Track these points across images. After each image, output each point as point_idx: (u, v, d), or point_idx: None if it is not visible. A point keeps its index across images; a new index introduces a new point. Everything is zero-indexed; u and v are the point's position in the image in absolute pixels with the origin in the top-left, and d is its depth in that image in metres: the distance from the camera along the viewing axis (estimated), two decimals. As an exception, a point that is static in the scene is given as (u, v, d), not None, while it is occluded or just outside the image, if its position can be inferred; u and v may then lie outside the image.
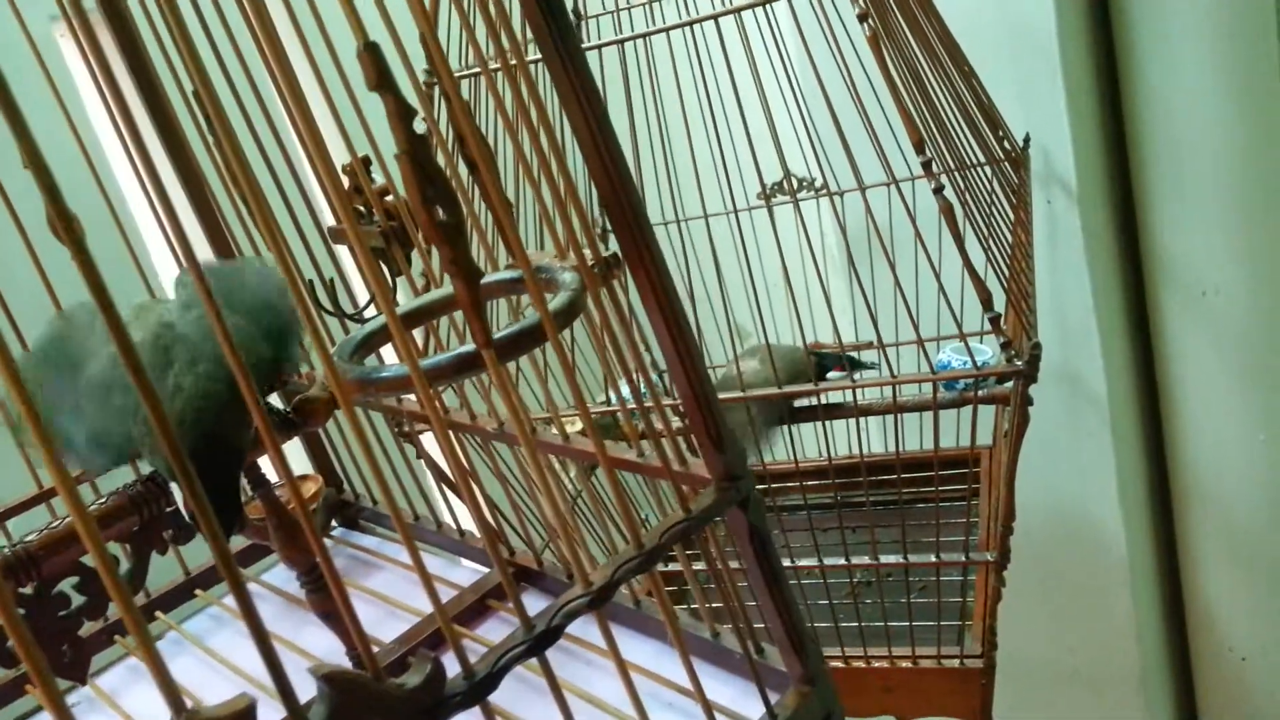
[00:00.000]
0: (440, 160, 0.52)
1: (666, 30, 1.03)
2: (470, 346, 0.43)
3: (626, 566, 0.45)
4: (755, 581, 0.51)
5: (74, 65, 1.10)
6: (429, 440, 0.93)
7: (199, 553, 0.77)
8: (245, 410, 0.51)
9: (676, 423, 0.75)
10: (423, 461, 0.92)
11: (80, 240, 0.32)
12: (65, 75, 1.07)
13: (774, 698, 0.51)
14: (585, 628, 0.58)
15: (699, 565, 1.14)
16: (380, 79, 0.40)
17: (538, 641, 0.43)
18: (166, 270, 1.03)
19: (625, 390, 1.14)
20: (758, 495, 0.50)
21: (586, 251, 0.47)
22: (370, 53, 0.40)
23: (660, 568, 1.12)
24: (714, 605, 0.59)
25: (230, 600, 0.76)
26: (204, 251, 0.87)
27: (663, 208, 1.46)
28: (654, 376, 1.10)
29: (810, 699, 0.51)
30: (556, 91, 0.44)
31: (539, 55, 0.45)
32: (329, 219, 0.77)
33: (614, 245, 0.53)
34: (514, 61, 0.45)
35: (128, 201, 1.02)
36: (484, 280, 0.43)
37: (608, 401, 1.12)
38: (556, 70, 0.44)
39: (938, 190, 0.91)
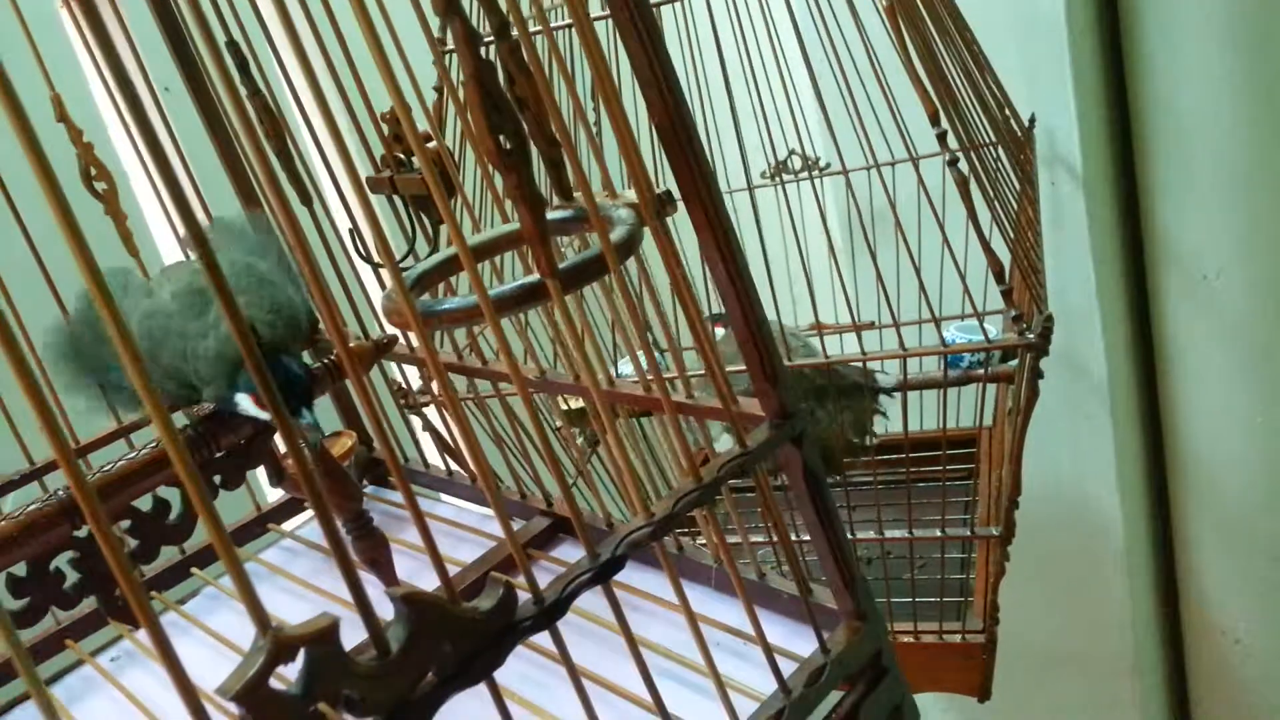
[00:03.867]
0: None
1: (676, 1, 1.03)
2: (534, 277, 0.43)
3: (687, 499, 0.46)
4: (807, 517, 0.51)
5: (76, 40, 1.09)
6: (431, 412, 0.93)
7: (236, 509, 0.77)
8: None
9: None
10: (428, 434, 0.92)
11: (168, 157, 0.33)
12: (67, 48, 1.06)
13: (824, 635, 0.52)
14: (629, 574, 0.58)
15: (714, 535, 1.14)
16: (448, 4, 0.40)
17: (603, 569, 0.43)
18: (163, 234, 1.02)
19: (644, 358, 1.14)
20: (811, 432, 0.50)
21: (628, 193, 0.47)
22: (439, -23, 0.40)
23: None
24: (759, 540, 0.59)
25: (268, 555, 0.76)
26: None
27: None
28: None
29: (861, 634, 0.52)
30: (615, 23, 0.45)
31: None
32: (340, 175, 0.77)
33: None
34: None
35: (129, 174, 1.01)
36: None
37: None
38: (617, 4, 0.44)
39: (952, 163, 0.91)
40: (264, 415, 0.53)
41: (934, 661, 1.12)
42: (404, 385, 0.85)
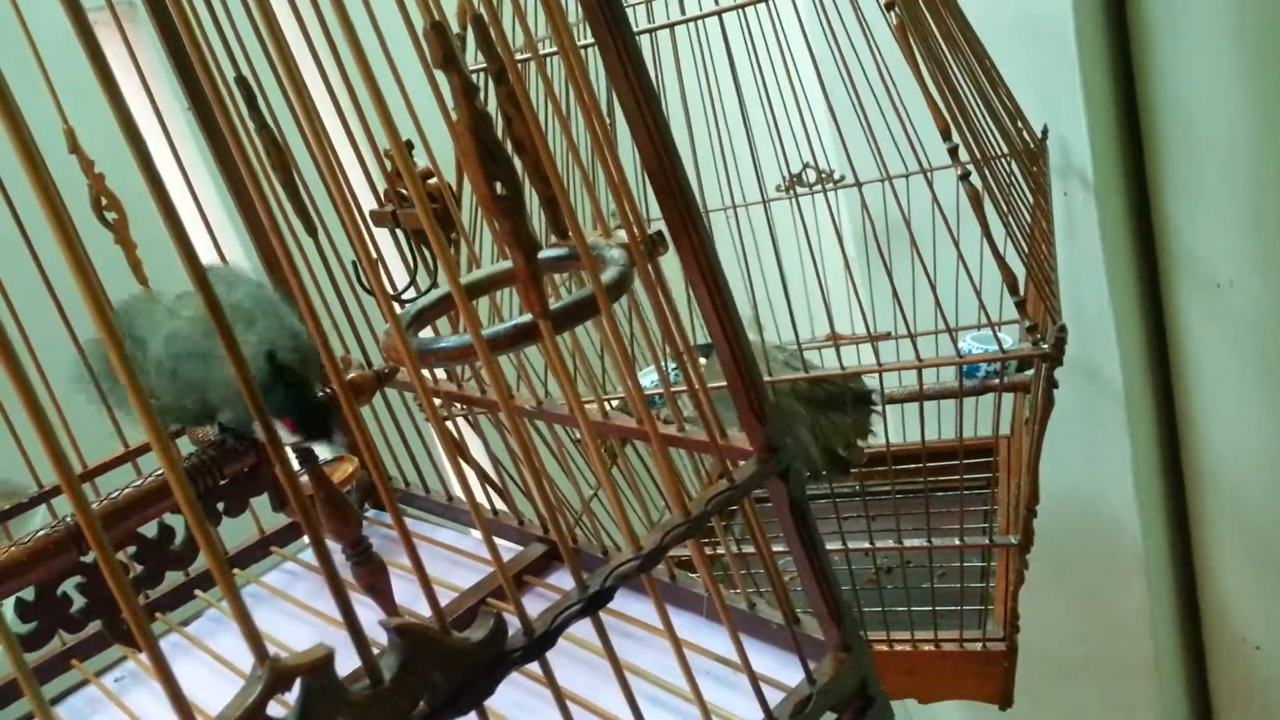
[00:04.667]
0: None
1: (690, 21, 1.04)
2: (527, 317, 0.44)
3: (674, 532, 0.47)
4: (794, 550, 0.52)
5: (112, 56, 1.11)
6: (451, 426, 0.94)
7: (240, 531, 0.78)
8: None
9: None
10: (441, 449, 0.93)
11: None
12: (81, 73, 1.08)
13: (811, 665, 0.53)
14: (624, 602, 0.59)
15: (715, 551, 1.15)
16: (445, 57, 0.41)
17: (591, 601, 0.44)
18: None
19: (654, 376, 1.15)
20: (798, 467, 0.51)
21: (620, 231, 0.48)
22: (436, 32, 0.41)
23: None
24: (747, 568, 0.60)
25: (270, 578, 0.78)
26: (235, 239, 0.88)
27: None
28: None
29: (847, 665, 0.53)
30: (603, 61, 0.46)
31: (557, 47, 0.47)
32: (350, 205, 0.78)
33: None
34: (549, 48, 0.47)
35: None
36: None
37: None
38: (605, 42, 0.45)
39: (964, 176, 0.92)
40: (291, 438, 0.54)
41: (955, 670, 1.13)
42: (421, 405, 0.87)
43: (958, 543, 1.07)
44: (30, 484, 0.72)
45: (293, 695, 0.35)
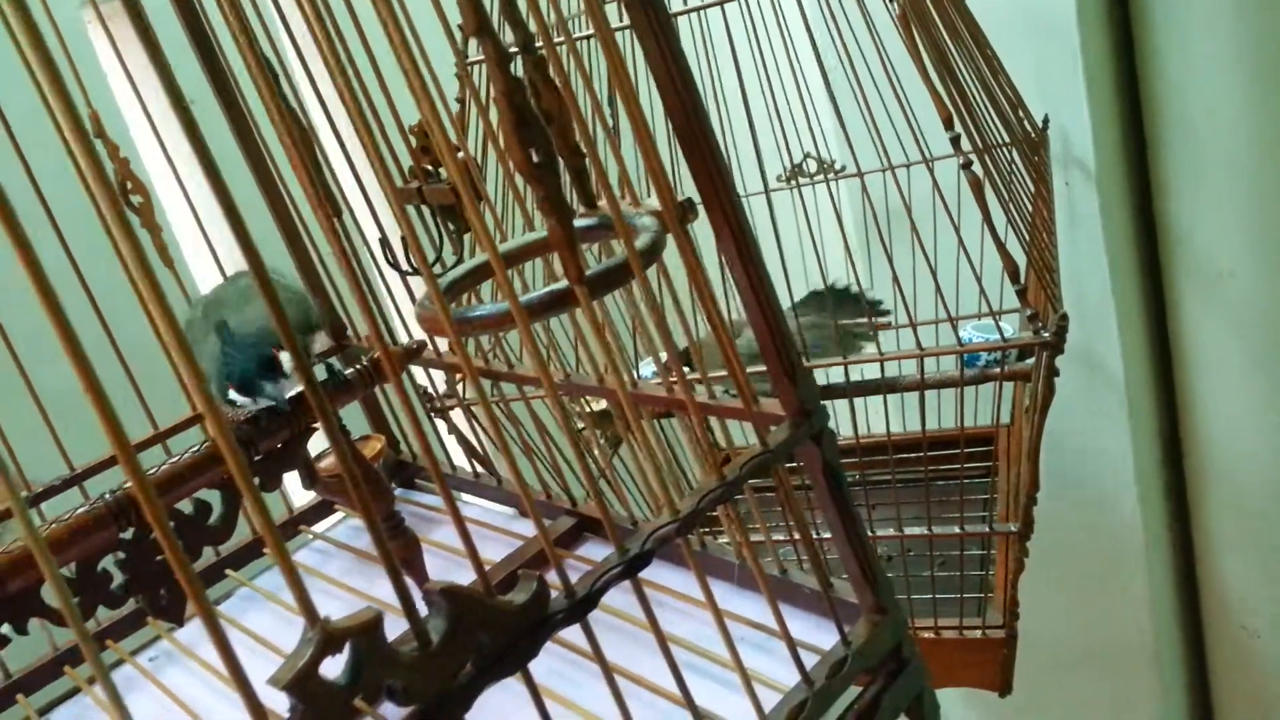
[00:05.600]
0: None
1: (692, 11, 1.05)
2: (563, 283, 0.45)
3: (710, 495, 0.47)
4: (828, 514, 0.52)
5: (103, 54, 1.11)
6: (456, 415, 0.95)
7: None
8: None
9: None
10: (454, 436, 0.94)
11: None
12: (95, 63, 1.08)
13: (845, 629, 0.53)
14: (655, 572, 0.60)
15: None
16: (480, 24, 0.42)
17: (632, 564, 0.45)
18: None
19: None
20: (830, 431, 0.51)
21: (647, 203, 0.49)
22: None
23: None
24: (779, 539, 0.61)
25: (300, 556, 0.78)
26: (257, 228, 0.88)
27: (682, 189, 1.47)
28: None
29: (882, 627, 0.53)
30: (629, 16, 0.46)
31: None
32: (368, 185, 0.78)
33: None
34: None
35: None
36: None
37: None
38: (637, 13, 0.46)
39: (966, 165, 0.93)
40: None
41: (955, 657, 1.13)
42: (431, 390, 0.87)
43: (958, 531, 1.08)
44: (41, 478, 0.73)
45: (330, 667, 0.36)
